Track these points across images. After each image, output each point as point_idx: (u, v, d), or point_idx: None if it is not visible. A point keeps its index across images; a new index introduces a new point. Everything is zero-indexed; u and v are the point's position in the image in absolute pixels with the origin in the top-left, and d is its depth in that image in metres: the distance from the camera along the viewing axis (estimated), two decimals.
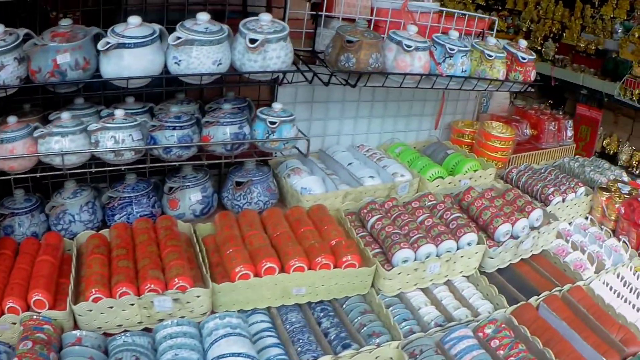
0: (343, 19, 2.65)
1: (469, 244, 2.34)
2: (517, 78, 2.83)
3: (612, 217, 2.94)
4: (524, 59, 2.79)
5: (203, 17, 2.13)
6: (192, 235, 2.33)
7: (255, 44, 2.15)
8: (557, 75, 5.77)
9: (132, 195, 2.41)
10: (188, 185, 2.50)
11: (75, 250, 2.17)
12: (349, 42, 2.34)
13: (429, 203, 2.61)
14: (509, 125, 3.27)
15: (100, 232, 2.28)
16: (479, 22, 3.22)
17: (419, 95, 3.09)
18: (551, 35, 6.17)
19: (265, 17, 2.21)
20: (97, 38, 2.06)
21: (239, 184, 2.56)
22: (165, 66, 2.14)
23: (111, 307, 1.88)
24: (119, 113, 2.19)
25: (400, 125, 3.24)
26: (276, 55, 2.21)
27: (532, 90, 3.02)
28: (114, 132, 2.14)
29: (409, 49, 2.40)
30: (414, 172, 2.82)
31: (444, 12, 2.99)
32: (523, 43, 2.90)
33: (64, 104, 2.34)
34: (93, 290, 1.88)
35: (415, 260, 2.24)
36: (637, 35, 5.17)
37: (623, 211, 2.88)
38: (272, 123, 2.39)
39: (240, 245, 2.17)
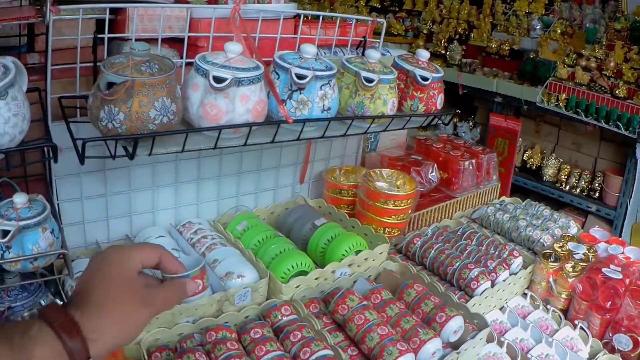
0: (140, 41, 1.61)
1: None
2: (416, 108, 1.90)
3: (563, 296, 2.07)
4: (426, 79, 1.85)
5: None
6: None
7: None
8: (465, 81, 4.92)
9: None
10: None
11: None
12: (109, 85, 1.32)
13: (284, 319, 1.63)
14: (406, 173, 2.27)
15: None
16: (359, 28, 2.28)
17: None
18: (457, 36, 5.35)
19: None
20: None
21: None
22: None
23: None
24: None
25: (248, 184, 2.17)
26: None
27: (441, 123, 2.10)
28: None
29: (219, 85, 1.40)
30: (261, 267, 1.77)
31: (302, 15, 2.03)
32: (424, 55, 1.93)
33: None
34: None
35: None
36: (559, 31, 4.39)
37: (580, 289, 2.01)
38: (4, 234, 1.36)
39: None
